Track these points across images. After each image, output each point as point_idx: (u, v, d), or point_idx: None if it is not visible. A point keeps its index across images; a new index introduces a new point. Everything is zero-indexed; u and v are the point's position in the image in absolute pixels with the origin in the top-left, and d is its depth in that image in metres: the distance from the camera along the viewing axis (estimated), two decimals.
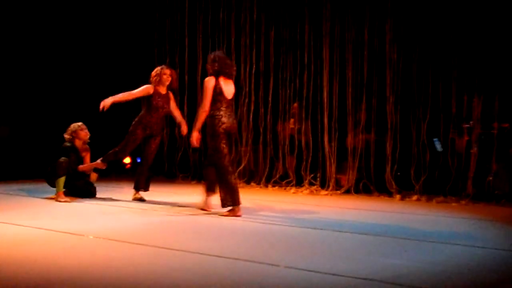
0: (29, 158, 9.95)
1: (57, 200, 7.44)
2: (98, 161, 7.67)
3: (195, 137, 6.62)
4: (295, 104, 9.19)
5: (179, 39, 10.07)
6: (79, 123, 7.85)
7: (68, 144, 7.73)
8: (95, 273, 4.22)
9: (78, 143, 7.80)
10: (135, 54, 10.64)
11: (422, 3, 8.14)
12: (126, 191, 8.35)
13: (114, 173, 10.33)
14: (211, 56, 6.68)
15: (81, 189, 7.77)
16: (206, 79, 6.57)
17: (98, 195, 7.87)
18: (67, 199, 7.45)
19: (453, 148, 8.10)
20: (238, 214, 6.46)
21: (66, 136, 7.78)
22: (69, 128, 7.82)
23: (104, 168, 7.76)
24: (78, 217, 6.55)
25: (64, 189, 7.69)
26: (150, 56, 10.38)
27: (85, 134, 7.82)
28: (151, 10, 10.40)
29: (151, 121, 7.48)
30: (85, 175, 7.88)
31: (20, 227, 5.78)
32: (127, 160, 10.79)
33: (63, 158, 7.53)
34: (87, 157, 7.89)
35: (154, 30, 10.38)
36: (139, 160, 10.72)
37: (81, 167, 7.75)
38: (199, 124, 6.60)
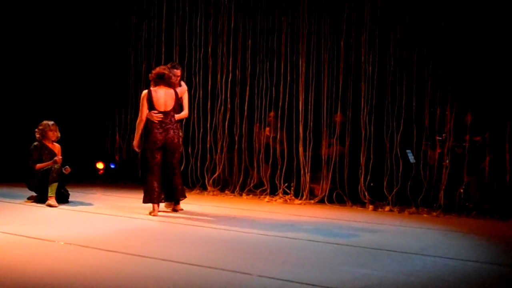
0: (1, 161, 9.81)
1: (47, 205, 7.40)
2: (55, 158, 7.67)
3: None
4: (271, 113, 9.22)
5: (155, 45, 10.04)
6: (51, 122, 7.85)
7: (36, 143, 7.75)
8: (64, 280, 4.18)
9: (47, 142, 7.79)
10: (111, 58, 10.58)
11: (397, 16, 8.23)
12: (99, 197, 8.28)
13: (87, 179, 10.22)
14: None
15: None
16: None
17: (70, 200, 7.80)
18: (56, 203, 7.42)
19: (426, 160, 8.19)
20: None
21: (36, 134, 7.79)
22: (40, 126, 7.82)
23: (66, 171, 7.69)
24: (50, 222, 6.48)
25: (36, 195, 7.66)
26: (126, 61, 10.34)
27: (52, 134, 7.81)
28: (128, 15, 10.35)
29: None
30: (63, 179, 7.80)
31: None
32: (100, 165, 10.69)
33: (56, 165, 7.56)
34: (58, 154, 7.85)
35: (130, 34, 10.33)
36: (112, 166, 10.67)
37: (38, 165, 7.67)
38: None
